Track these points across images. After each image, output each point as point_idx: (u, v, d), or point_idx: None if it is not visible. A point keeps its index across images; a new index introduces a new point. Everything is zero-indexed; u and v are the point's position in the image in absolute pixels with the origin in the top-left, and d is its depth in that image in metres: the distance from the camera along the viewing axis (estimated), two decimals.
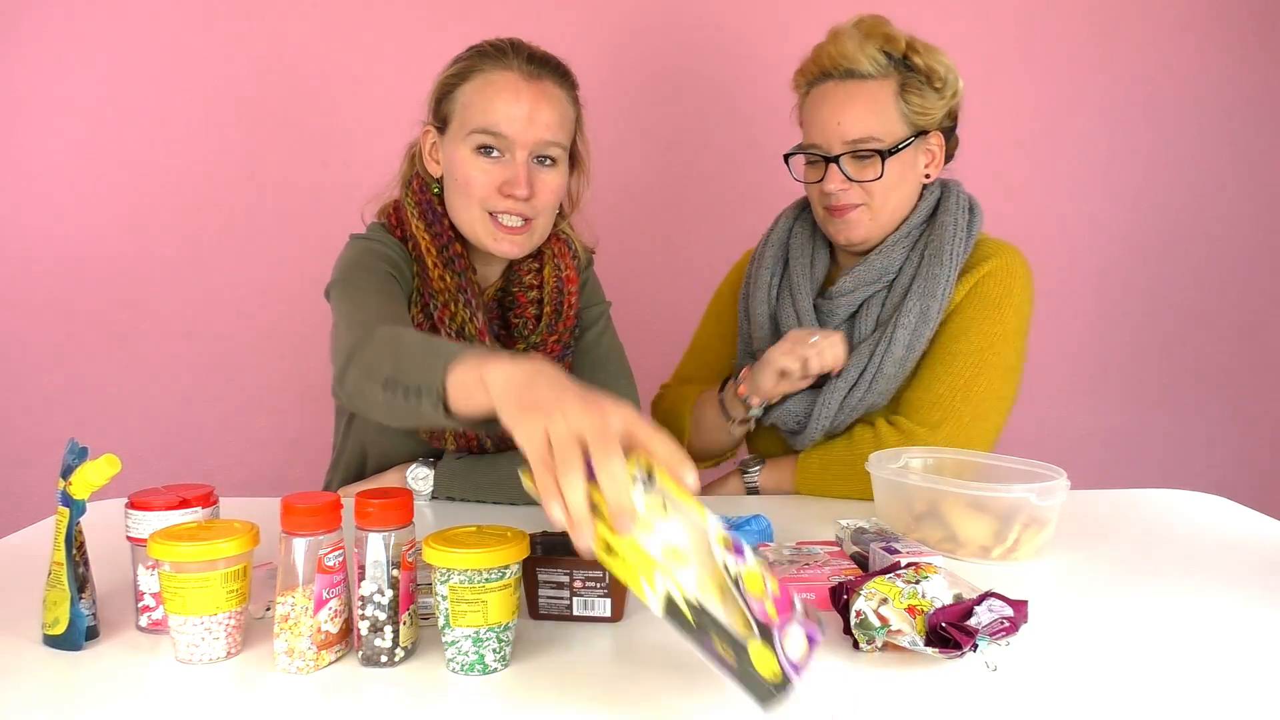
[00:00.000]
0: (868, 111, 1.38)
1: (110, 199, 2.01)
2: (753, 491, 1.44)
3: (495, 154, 1.29)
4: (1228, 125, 2.13)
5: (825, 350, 1.35)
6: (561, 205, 1.42)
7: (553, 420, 0.70)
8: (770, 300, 1.51)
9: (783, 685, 0.63)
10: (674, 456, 0.72)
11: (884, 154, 1.39)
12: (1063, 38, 2.08)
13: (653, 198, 2.09)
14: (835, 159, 1.39)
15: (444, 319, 1.32)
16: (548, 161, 1.32)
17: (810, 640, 0.68)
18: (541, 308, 1.39)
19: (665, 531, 0.70)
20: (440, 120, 1.35)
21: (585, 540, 0.68)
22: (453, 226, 1.35)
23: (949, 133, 1.47)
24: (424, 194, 1.37)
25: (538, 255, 1.42)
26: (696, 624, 0.64)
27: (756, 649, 0.64)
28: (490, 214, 1.31)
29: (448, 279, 1.32)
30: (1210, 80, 2.11)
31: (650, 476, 0.72)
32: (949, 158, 1.49)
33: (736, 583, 0.67)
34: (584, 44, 1.99)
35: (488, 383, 0.80)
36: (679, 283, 2.08)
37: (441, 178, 1.37)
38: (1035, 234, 2.12)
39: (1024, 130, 2.10)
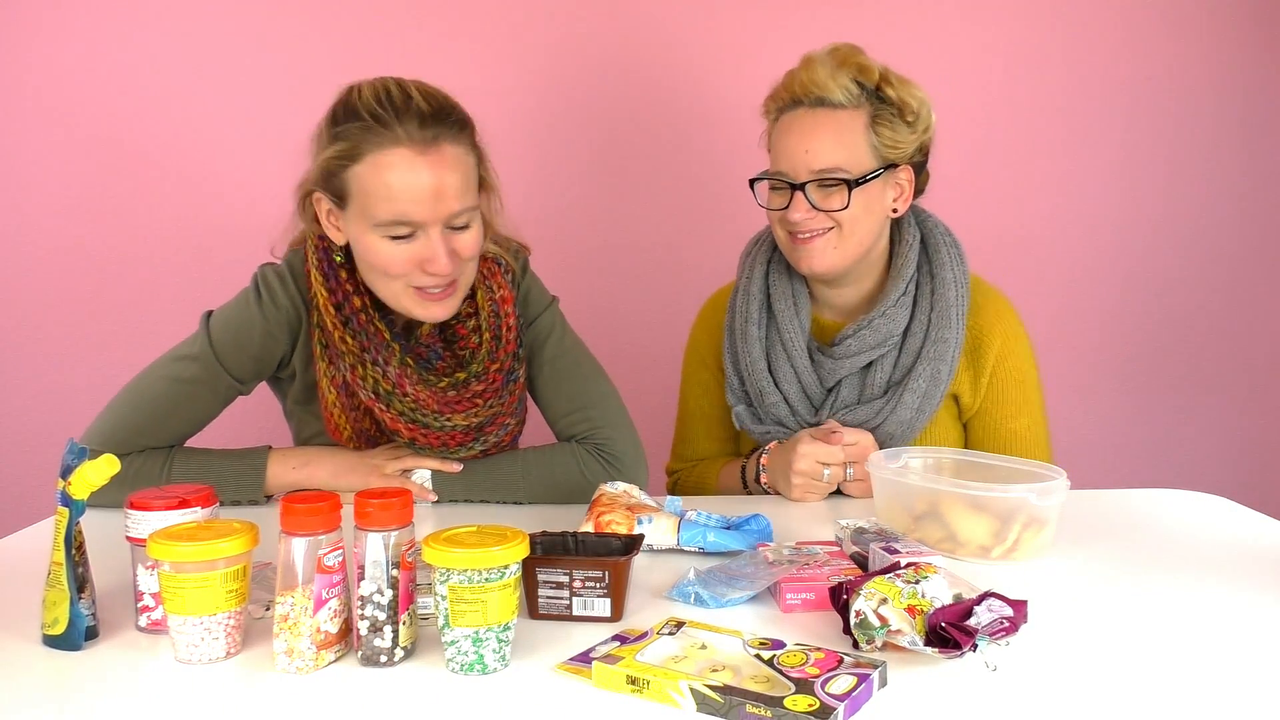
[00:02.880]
0: (836, 141, 1.35)
1: (110, 199, 2.01)
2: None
3: (407, 237, 1.21)
4: (1231, 128, 2.12)
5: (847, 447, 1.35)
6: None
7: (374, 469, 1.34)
8: (764, 354, 1.47)
9: (822, 712, 0.71)
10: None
11: (850, 184, 1.35)
12: (1072, 36, 2.08)
13: (645, 202, 2.10)
14: (801, 187, 1.36)
15: (357, 380, 1.29)
16: (462, 226, 1.23)
17: (860, 679, 0.75)
18: (482, 334, 1.34)
19: (659, 646, 0.82)
20: (335, 194, 1.24)
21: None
22: (354, 281, 1.29)
23: (919, 167, 1.44)
24: (325, 254, 1.30)
25: None
26: (725, 701, 0.73)
27: (790, 698, 0.73)
28: (413, 286, 1.25)
29: (349, 341, 1.29)
30: (1211, 84, 2.11)
31: (680, 626, 0.86)
32: (918, 192, 1.46)
33: (772, 663, 0.79)
34: (566, 59, 1.99)
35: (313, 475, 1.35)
36: (673, 285, 2.08)
37: (346, 245, 1.29)
38: (1037, 236, 2.12)
39: (1028, 133, 2.10)
